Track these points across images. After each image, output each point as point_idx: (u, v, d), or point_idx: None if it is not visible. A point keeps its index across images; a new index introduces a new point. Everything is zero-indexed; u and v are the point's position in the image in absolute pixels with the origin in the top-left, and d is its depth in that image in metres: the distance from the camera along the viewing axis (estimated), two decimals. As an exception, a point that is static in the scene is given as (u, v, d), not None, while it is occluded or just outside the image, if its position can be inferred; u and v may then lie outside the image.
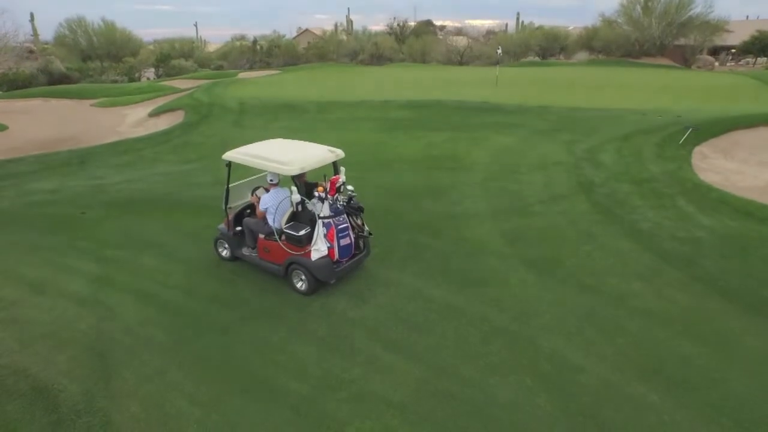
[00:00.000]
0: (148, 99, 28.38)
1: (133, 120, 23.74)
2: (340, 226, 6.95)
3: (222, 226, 8.15)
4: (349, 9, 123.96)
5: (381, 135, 16.85)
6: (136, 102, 27.99)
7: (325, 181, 7.17)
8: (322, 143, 7.82)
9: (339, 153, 7.31)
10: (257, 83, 33.71)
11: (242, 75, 41.64)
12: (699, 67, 44.42)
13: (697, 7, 44.64)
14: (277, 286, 7.30)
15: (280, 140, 8.09)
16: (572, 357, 5.62)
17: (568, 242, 8.43)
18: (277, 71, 43.99)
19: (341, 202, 7.10)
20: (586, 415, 4.85)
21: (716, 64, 47.00)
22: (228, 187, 7.79)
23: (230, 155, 7.43)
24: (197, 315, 6.65)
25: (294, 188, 6.95)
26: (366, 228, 7.40)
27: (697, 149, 14.12)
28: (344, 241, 7.02)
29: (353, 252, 7.27)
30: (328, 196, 6.95)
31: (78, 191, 12.38)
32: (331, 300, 6.87)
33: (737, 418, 4.76)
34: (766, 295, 6.71)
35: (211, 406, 5.06)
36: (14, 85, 34.32)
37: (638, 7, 47.41)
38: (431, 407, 4.97)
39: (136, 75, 44.29)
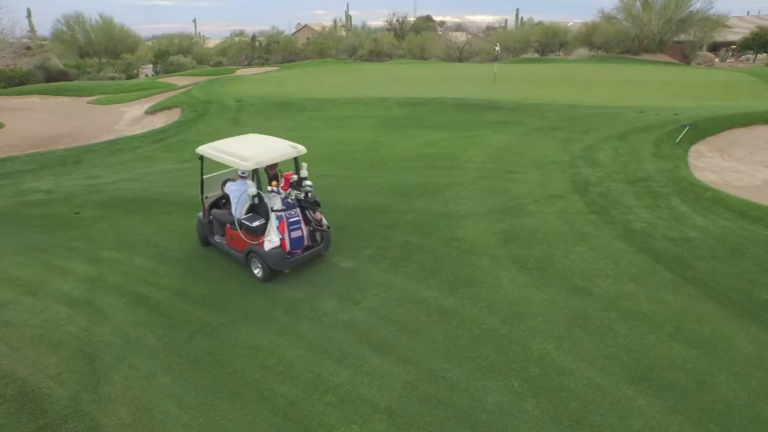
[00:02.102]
0: (146, 96, 28.34)
1: (130, 118, 23.71)
2: (291, 219, 7.40)
3: (200, 214, 8.81)
4: (348, 5, 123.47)
5: (377, 133, 16.81)
6: (134, 99, 27.95)
7: (280, 176, 7.96)
8: (318, 141, 8.04)
9: (300, 149, 7.68)
10: (255, 80, 33.64)
11: (240, 72, 41.58)
12: (698, 64, 44.30)
13: (697, 3, 44.59)
14: (267, 288, 7.29)
15: (252, 136, 8.76)
16: (561, 360, 5.61)
17: (561, 243, 8.41)
18: (276, 68, 43.91)
19: (294, 197, 7.56)
20: (573, 420, 4.84)
21: (716, 60, 46.84)
22: (202, 178, 8.61)
23: (202, 149, 8.16)
24: (188, 317, 6.65)
25: (251, 182, 7.47)
26: (324, 222, 7.78)
27: (694, 148, 14.09)
28: (295, 234, 7.46)
29: (306, 244, 7.72)
30: (281, 190, 7.45)
31: (73, 190, 12.36)
32: (321, 302, 6.86)
33: (725, 423, 4.76)
34: (757, 298, 6.69)
35: (199, 410, 5.07)
36: (11, 81, 34.24)
37: (638, 3, 47.28)
38: (418, 412, 4.96)
39: (134, 71, 44.17)
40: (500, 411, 4.95)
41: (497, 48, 34.59)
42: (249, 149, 7.53)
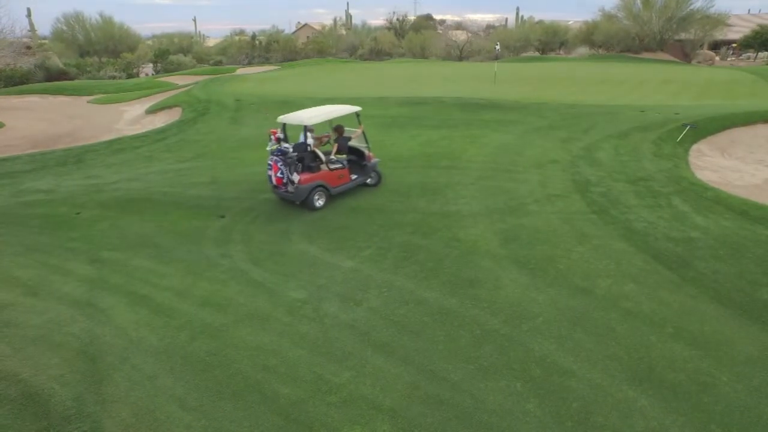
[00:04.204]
0: (146, 96, 28.33)
1: (131, 117, 23.70)
2: (269, 163, 10.05)
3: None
4: (348, 3, 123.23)
5: (377, 132, 16.78)
6: (134, 99, 27.95)
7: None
8: None
9: (291, 118, 10.30)
10: (255, 79, 33.62)
11: (241, 71, 41.57)
12: (699, 62, 44.27)
13: (698, 2, 44.52)
14: (269, 289, 7.30)
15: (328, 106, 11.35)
16: (563, 361, 5.62)
17: (562, 243, 8.42)
18: (276, 67, 43.90)
19: (274, 149, 10.22)
20: (575, 420, 4.85)
21: (717, 58, 46.80)
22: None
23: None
24: (189, 318, 6.65)
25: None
26: (295, 180, 9.94)
27: (694, 147, 14.09)
28: (270, 173, 10.10)
29: (273, 184, 10.24)
30: (273, 142, 10.74)
31: (73, 191, 12.37)
32: (323, 303, 6.87)
33: (726, 424, 4.77)
34: (758, 298, 6.70)
35: (201, 411, 5.07)
36: (11, 81, 34.23)
37: (638, 2, 47.24)
38: (421, 412, 4.97)
39: (134, 71, 44.14)
40: (502, 411, 4.96)
41: (497, 47, 34.57)
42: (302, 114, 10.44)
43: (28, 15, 49.28)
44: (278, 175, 9.93)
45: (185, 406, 5.12)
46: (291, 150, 10.01)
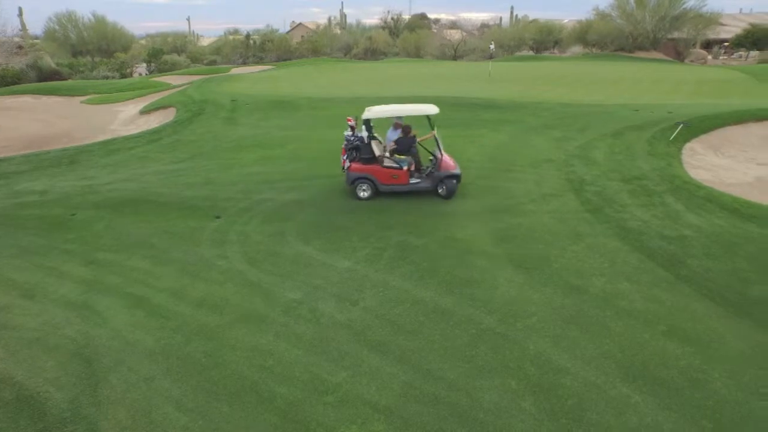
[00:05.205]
0: (140, 96, 28.22)
1: (125, 117, 23.61)
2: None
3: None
4: (342, 2, 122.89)
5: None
6: (128, 99, 27.83)
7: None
8: (315, 141, 8.26)
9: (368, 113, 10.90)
10: (250, 79, 33.55)
11: (235, 70, 41.47)
12: (692, 61, 44.54)
13: (690, 1, 44.75)
14: (265, 289, 7.32)
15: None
16: (557, 359, 5.67)
17: (557, 241, 8.47)
18: (271, 66, 43.81)
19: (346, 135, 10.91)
20: (570, 417, 4.90)
21: (709, 57, 47.11)
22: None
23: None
24: (186, 319, 6.66)
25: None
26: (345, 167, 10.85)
27: (687, 145, 14.18)
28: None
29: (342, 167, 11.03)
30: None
31: (68, 192, 12.32)
32: (319, 303, 6.90)
33: (717, 419, 4.83)
34: (749, 295, 6.78)
35: (197, 412, 5.09)
36: (3, 81, 34.01)
37: (632, 1, 47.42)
38: (417, 411, 5.01)
39: (128, 71, 43.94)
40: (498, 410, 5.01)
41: (492, 46, 34.64)
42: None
43: (20, 14, 48.99)
44: (342, 158, 10.93)
45: (182, 408, 5.13)
46: (353, 139, 10.76)
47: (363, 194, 10.61)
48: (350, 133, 10.86)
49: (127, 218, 10.34)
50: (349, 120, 11.04)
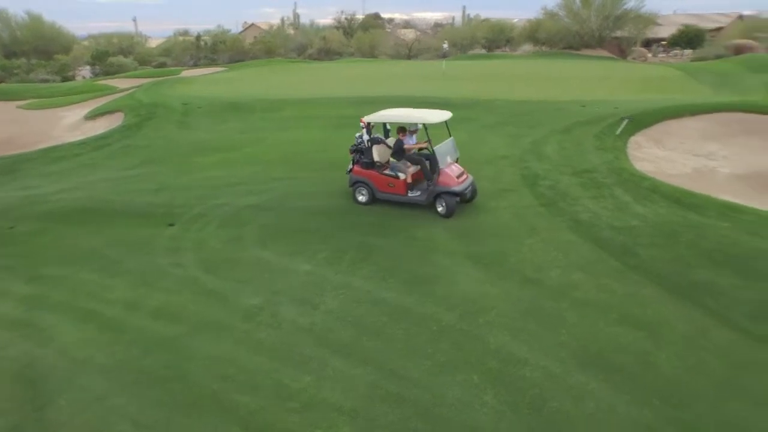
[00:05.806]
0: (85, 100, 26.88)
1: (69, 123, 22.46)
2: None
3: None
4: (296, 2, 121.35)
5: (329, 133, 16.70)
6: (71, 103, 26.47)
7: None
8: (271, 143, 8.16)
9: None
10: (202, 81, 32.63)
11: (186, 72, 40.19)
12: (634, 59, 46.66)
13: (631, 2, 46.90)
14: (223, 296, 7.15)
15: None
16: (517, 351, 5.82)
17: (514, 236, 8.70)
18: (223, 68, 42.74)
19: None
20: (531, 408, 5.04)
21: (649, 55, 49.51)
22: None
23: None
24: (142, 331, 6.42)
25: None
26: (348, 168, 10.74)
27: (632, 139, 14.85)
28: None
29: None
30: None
31: (8, 203, 11.61)
32: (279, 308, 6.80)
33: (666, 398, 5.10)
34: (692, 280, 7.18)
35: (157, 428, 4.92)
36: (-70, 87, 31.57)
37: (578, 1, 49.18)
38: (382, 411, 5.02)
39: (70, 73, 41.79)
40: (461, 405, 5.09)
41: (446, 45, 35.14)
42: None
43: (-53, 14, 45.64)
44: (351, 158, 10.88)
45: (139, 424, 4.94)
46: (360, 141, 10.67)
47: (361, 198, 10.42)
48: (360, 134, 10.70)
49: (75, 229, 9.85)
50: (363, 121, 10.56)
